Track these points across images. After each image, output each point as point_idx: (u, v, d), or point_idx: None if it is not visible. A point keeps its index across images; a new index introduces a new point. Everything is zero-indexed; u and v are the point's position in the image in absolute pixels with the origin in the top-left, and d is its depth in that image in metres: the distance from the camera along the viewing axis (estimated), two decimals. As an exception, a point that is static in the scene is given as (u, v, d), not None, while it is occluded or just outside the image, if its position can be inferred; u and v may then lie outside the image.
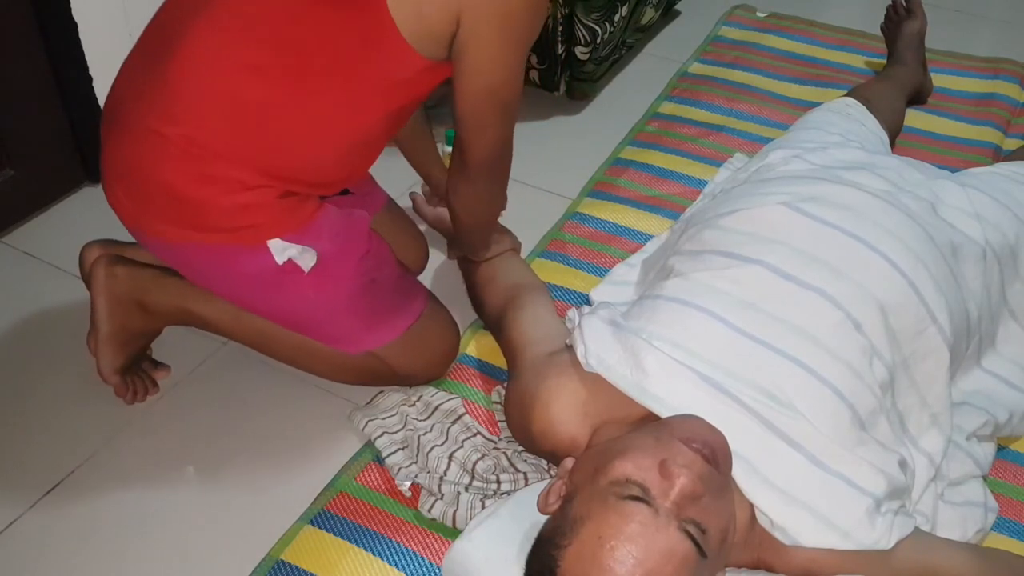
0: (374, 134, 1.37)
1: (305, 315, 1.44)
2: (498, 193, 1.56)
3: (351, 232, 1.42)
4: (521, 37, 1.31)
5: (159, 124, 1.27)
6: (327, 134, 1.31)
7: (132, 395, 1.55)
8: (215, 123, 1.27)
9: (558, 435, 1.26)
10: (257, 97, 1.27)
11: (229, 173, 1.28)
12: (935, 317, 1.30)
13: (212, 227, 1.31)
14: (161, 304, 1.50)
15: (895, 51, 2.22)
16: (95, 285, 1.49)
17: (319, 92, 1.28)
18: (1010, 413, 1.45)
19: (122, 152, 1.33)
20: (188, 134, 1.27)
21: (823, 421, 1.18)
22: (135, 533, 1.39)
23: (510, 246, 1.72)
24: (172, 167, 1.28)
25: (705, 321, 1.26)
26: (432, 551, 1.33)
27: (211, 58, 1.26)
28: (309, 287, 1.38)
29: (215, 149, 1.27)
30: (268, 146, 1.29)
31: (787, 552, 1.16)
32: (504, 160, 1.48)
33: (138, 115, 1.30)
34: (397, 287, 1.51)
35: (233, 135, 1.28)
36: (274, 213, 1.32)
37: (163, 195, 1.30)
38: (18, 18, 1.79)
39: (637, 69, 2.48)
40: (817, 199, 1.38)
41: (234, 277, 1.38)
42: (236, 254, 1.34)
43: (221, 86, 1.26)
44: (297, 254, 1.34)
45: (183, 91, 1.27)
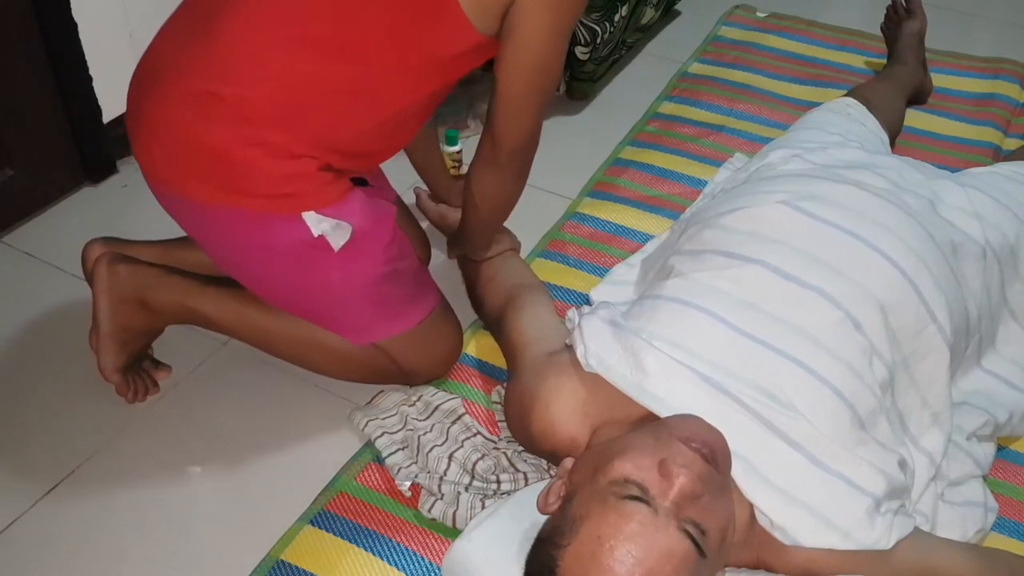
0: (417, 109, 1.40)
1: (322, 296, 1.44)
2: (521, 185, 1.57)
3: (380, 216, 1.43)
4: (569, 19, 1.35)
5: (212, 85, 1.28)
6: (375, 106, 1.34)
7: (133, 394, 1.55)
8: (268, 89, 1.28)
9: (558, 435, 1.26)
10: (311, 68, 1.28)
11: (277, 139, 1.29)
12: (935, 316, 1.30)
13: (252, 192, 1.32)
14: (163, 302, 1.50)
15: (895, 51, 2.22)
16: (97, 283, 1.49)
17: (374, 66, 1.30)
18: (1010, 413, 1.45)
19: (165, 110, 1.33)
20: (242, 95, 1.28)
21: (823, 421, 1.18)
22: (135, 533, 1.39)
23: (510, 246, 1.73)
24: (220, 127, 1.29)
25: (705, 321, 1.26)
26: (432, 551, 1.34)
27: (267, 26, 1.28)
28: (335, 266, 1.38)
29: (267, 113, 1.29)
30: (317, 114, 1.30)
31: (787, 552, 1.16)
32: (532, 150, 1.50)
33: (186, 76, 1.30)
34: (415, 280, 1.52)
35: (285, 101, 1.29)
36: (314, 185, 1.33)
37: (207, 155, 1.31)
38: (18, 18, 1.79)
39: (637, 69, 2.48)
40: (817, 198, 1.38)
41: (261, 248, 1.37)
42: (270, 222, 1.34)
43: (276, 53, 1.28)
44: (330, 229, 1.35)
45: (237, 55, 1.28)
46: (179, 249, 1.61)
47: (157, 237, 1.63)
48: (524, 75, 1.37)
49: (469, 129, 2.17)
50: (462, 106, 2.19)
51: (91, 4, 1.86)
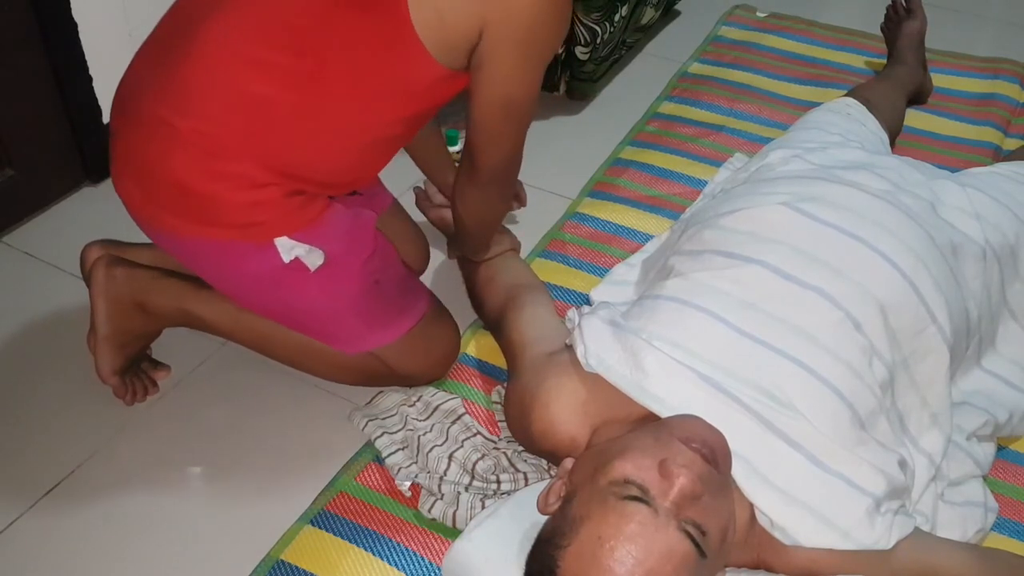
0: (388, 139, 1.38)
1: (308, 314, 1.44)
2: (504, 199, 1.58)
3: (358, 232, 1.42)
4: (541, 54, 1.32)
5: (171, 116, 1.27)
6: (340, 137, 1.31)
7: (131, 396, 1.55)
8: (227, 119, 1.27)
9: (558, 435, 1.26)
10: (271, 96, 1.26)
11: (239, 169, 1.28)
12: (935, 317, 1.30)
13: (220, 223, 1.31)
14: (160, 305, 1.50)
15: (895, 51, 2.22)
16: (94, 286, 1.48)
17: (334, 95, 1.28)
18: (1010, 413, 1.45)
19: (132, 142, 1.33)
20: (199, 128, 1.26)
21: (823, 421, 1.18)
22: (135, 533, 1.39)
23: (510, 246, 1.73)
24: (182, 160, 1.28)
25: (705, 321, 1.26)
26: (432, 551, 1.33)
27: (227, 54, 1.26)
28: (314, 286, 1.38)
29: (226, 145, 1.27)
30: (280, 145, 1.29)
31: (787, 552, 1.16)
32: (514, 168, 1.50)
33: (150, 106, 1.29)
34: (401, 288, 1.51)
35: (245, 132, 1.27)
36: (282, 211, 1.32)
37: (172, 188, 1.30)
38: (18, 18, 1.79)
39: (637, 69, 2.48)
40: (817, 199, 1.38)
41: (240, 274, 1.38)
42: (243, 251, 1.34)
43: (235, 83, 1.26)
44: (304, 253, 1.34)
45: (196, 84, 1.27)
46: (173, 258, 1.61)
47: (157, 237, 1.63)
48: (497, 109, 1.35)
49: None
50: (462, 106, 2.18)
51: (91, 4, 1.86)
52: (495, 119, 1.37)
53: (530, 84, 1.35)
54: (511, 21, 1.25)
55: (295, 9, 1.25)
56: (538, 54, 1.32)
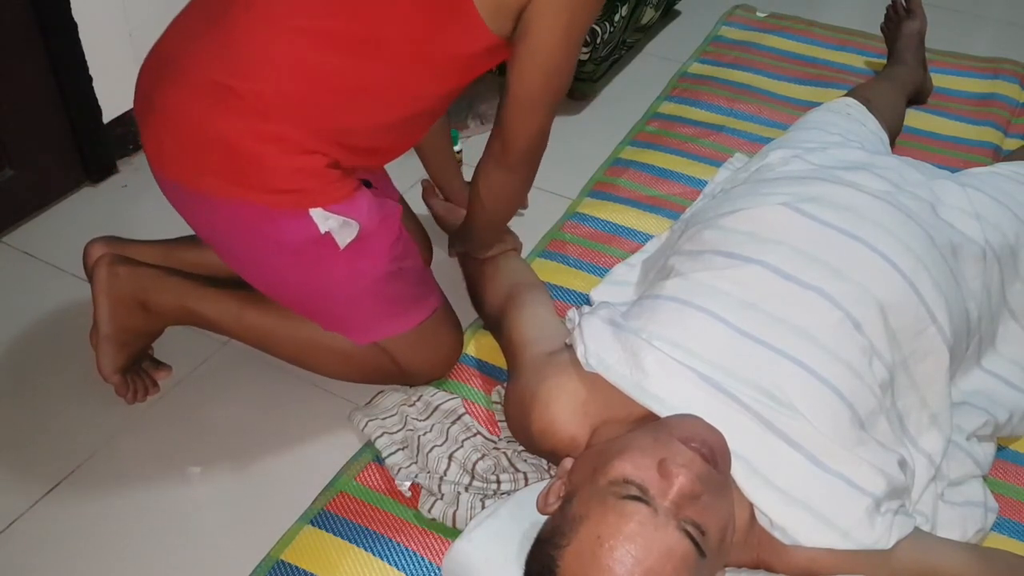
0: (429, 108, 1.40)
1: (328, 293, 1.44)
2: (528, 185, 1.57)
3: (386, 215, 1.43)
4: (584, 20, 1.34)
5: (226, 77, 1.28)
6: (389, 103, 1.34)
7: (132, 395, 1.55)
8: (282, 82, 1.28)
9: (557, 434, 1.26)
10: (325, 62, 1.28)
11: (289, 133, 1.29)
12: (935, 317, 1.30)
13: (260, 186, 1.31)
14: (163, 304, 1.50)
15: (895, 51, 2.22)
16: (97, 285, 1.49)
17: (387, 62, 1.30)
18: (1010, 413, 1.45)
19: (178, 99, 1.32)
20: (256, 89, 1.28)
21: (823, 421, 1.18)
22: (135, 532, 1.39)
23: (511, 245, 1.73)
24: (233, 120, 1.29)
25: (705, 321, 1.26)
26: (432, 551, 1.34)
27: (281, 19, 1.28)
28: (341, 263, 1.38)
29: (280, 107, 1.28)
30: (331, 109, 1.30)
31: (787, 552, 1.16)
32: (541, 151, 1.49)
33: (201, 67, 1.30)
34: (419, 280, 1.52)
35: (298, 96, 1.29)
36: (322, 181, 1.33)
37: (218, 147, 1.30)
38: (18, 18, 1.79)
39: (637, 69, 2.47)
40: (817, 199, 1.38)
41: (267, 243, 1.37)
42: (278, 218, 1.34)
43: (290, 47, 1.28)
44: (337, 227, 1.35)
45: (250, 48, 1.28)
46: (180, 249, 1.61)
47: (157, 237, 1.64)
48: (537, 77, 1.36)
49: (469, 129, 2.17)
50: (462, 106, 2.19)
51: (91, 4, 1.86)
52: (535, 90, 1.37)
53: (570, 53, 1.36)
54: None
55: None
56: (580, 22, 1.33)
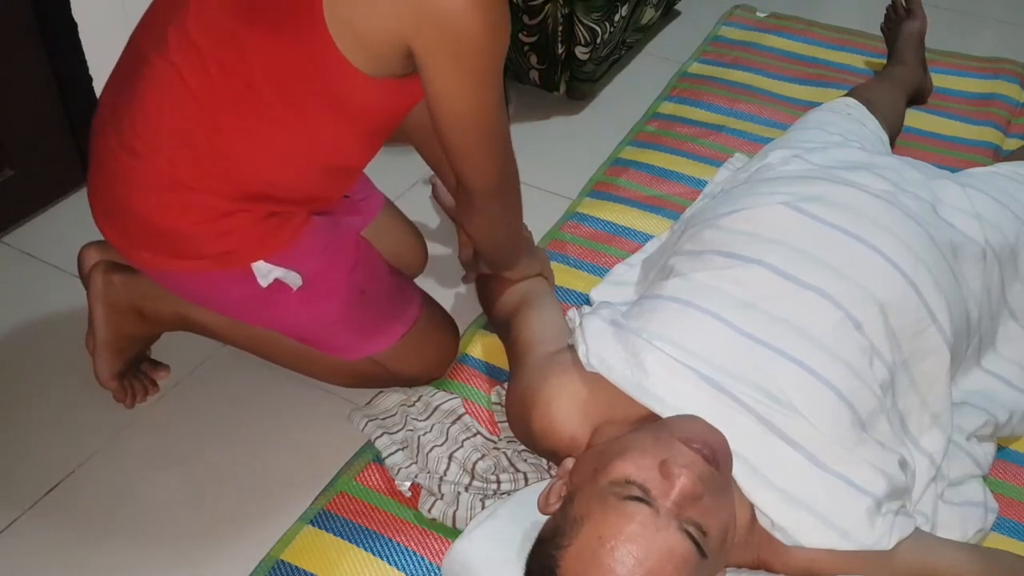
0: (351, 152, 1.32)
1: (299, 329, 1.45)
2: (511, 214, 1.46)
3: (338, 245, 1.40)
4: (482, 66, 1.19)
5: (126, 156, 1.26)
6: (295, 159, 1.27)
7: (131, 399, 1.55)
8: (177, 153, 1.24)
9: (558, 434, 1.26)
10: (214, 126, 1.22)
11: (200, 201, 1.26)
12: (935, 317, 1.30)
13: (193, 254, 1.30)
14: (158, 311, 1.50)
15: (895, 51, 2.22)
16: (92, 293, 1.48)
17: (274, 118, 1.22)
18: (1010, 413, 1.45)
19: (98, 182, 1.33)
20: (153, 164, 1.25)
21: (823, 421, 1.18)
22: (135, 533, 1.39)
23: (539, 270, 1.63)
24: (145, 197, 1.27)
25: (706, 321, 1.26)
26: (432, 551, 1.33)
27: (166, 89, 1.23)
28: (298, 305, 1.37)
29: (181, 179, 1.25)
30: (235, 172, 1.26)
31: (787, 552, 1.16)
32: (507, 185, 1.38)
33: (108, 146, 1.29)
34: (389, 294, 1.50)
35: (197, 164, 1.25)
36: (255, 236, 1.30)
37: (140, 225, 1.30)
38: (18, 18, 1.79)
39: (637, 69, 2.47)
40: (817, 199, 1.38)
41: (224, 299, 1.38)
42: (222, 279, 1.33)
43: (178, 116, 1.23)
44: (282, 275, 1.33)
45: (144, 123, 1.25)
46: None
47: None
48: (454, 128, 1.24)
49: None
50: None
51: (91, 4, 1.86)
52: (459, 139, 1.25)
53: (482, 99, 1.21)
54: (434, 29, 1.13)
55: (211, 38, 1.20)
56: (477, 64, 1.18)
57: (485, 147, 1.28)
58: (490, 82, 1.22)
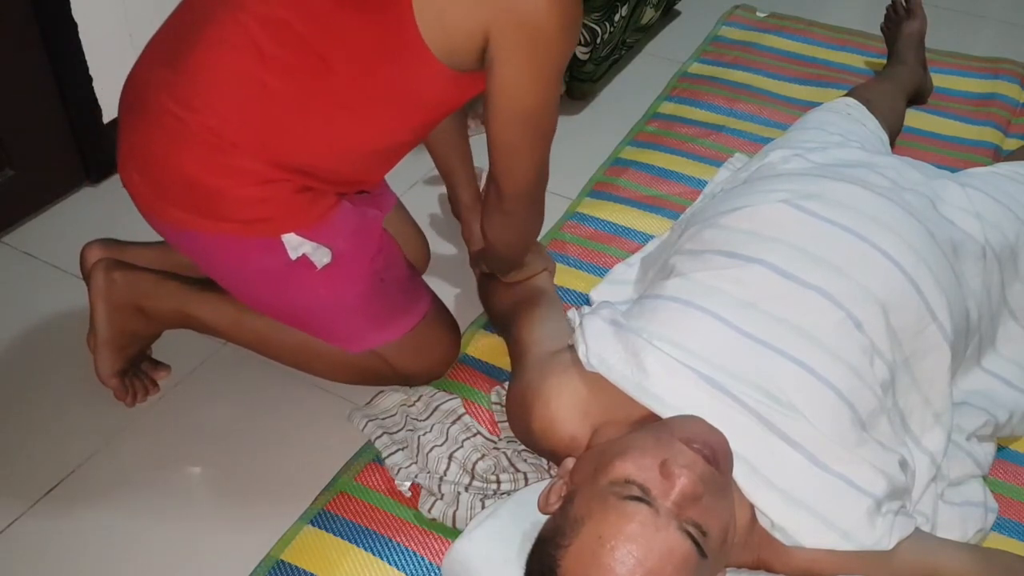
0: (397, 141, 1.36)
1: (312, 311, 1.44)
2: (534, 221, 1.50)
3: (365, 230, 1.42)
4: (553, 60, 1.25)
5: (179, 109, 1.26)
6: (347, 138, 1.30)
7: (132, 397, 1.55)
8: (235, 114, 1.26)
9: (558, 433, 1.26)
10: (279, 93, 1.25)
11: (246, 165, 1.27)
12: (936, 315, 1.30)
13: (227, 217, 1.31)
14: (160, 309, 1.50)
15: (895, 51, 2.22)
16: (93, 290, 1.48)
17: (339, 95, 1.26)
18: (1010, 413, 1.45)
19: (140, 135, 1.32)
20: (207, 122, 1.26)
21: (823, 421, 1.18)
22: (135, 533, 1.39)
23: (542, 267, 1.64)
24: (190, 154, 1.28)
25: (706, 321, 1.26)
26: (432, 551, 1.33)
27: (234, 51, 1.25)
28: (320, 284, 1.37)
29: (233, 140, 1.26)
30: (287, 142, 1.28)
31: (787, 553, 1.16)
32: (540, 189, 1.43)
33: (158, 99, 1.29)
34: (405, 287, 1.51)
35: (252, 128, 1.27)
36: (290, 207, 1.31)
37: (179, 181, 1.30)
38: (18, 18, 1.79)
39: (637, 69, 2.47)
40: (818, 197, 1.38)
41: (245, 269, 1.37)
42: (249, 246, 1.33)
43: (243, 78, 1.25)
44: (311, 251, 1.34)
45: (205, 79, 1.26)
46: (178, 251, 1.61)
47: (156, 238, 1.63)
48: (511, 123, 1.28)
49: (470, 129, 2.17)
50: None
51: (91, 4, 1.86)
52: (512, 133, 1.30)
53: (545, 93, 1.28)
54: (515, 24, 1.19)
55: (298, 10, 1.23)
56: (548, 61, 1.24)
57: (536, 146, 1.34)
58: (555, 81, 1.28)
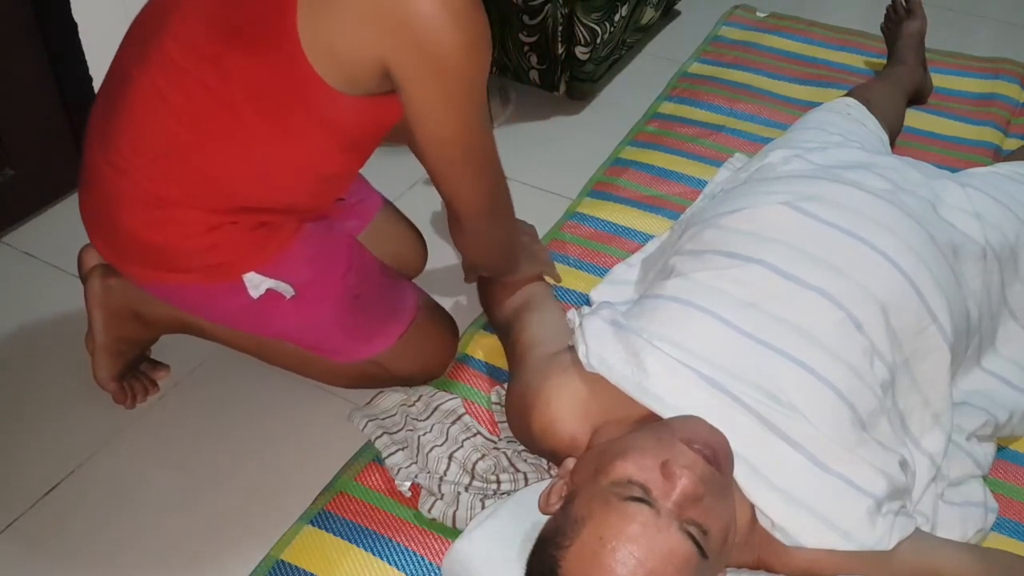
0: (339, 168, 1.31)
1: (295, 336, 1.45)
2: (502, 234, 1.43)
3: (330, 252, 1.40)
4: (463, 86, 1.16)
5: (111, 170, 1.26)
6: (281, 174, 1.26)
7: (131, 400, 1.55)
8: (160, 170, 1.24)
9: (558, 434, 1.26)
10: (196, 145, 1.22)
11: (186, 216, 1.26)
12: (936, 316, 1.30)
13: (183, 267, 1.30)
14: (157, 314, 1.50)
15: (895, 51, 2.22)
16: (90, 296, 1.48)
17: (257, 137, 1.21)
18: (1010, 413, 1.45)
19: (88, 197, 1.34)
20: (137, 180, 1.25)
21: (823, 421, 1.18)
22: (135, 533, 1.39)
23: (539, 270, 1.61)
24: (130, 214, 1.27)
25: (706, 321, 1.26)
26: (432, 551, 1.33)
27: (146, 106, 1.22)
28: (291, 313, 1.37)
29: (165, 195, 1.25)
30: (220, 189, 1.25)
31: (788, 553, 1.16)
32: (496, 207, 1.35)
33: (96, 159, 1.29)
34: (384, 297, 1.49)
35: (181, 181, 1.25)
36: (244, 248, 1.29)
37: (128, 240, 1.30)
38: (18, 18, 1.79)
39: (637, 69, 2.48)
40: (818, 199, 1.38)
41: (218, 308, 1.38)
42: (214, 291, 1.33)
43: (159, 133, 1.23)
44: (274, 285, 1.33)
45: (127, 137, 1.25)
46: None
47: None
48: (434, 149, 1.22)
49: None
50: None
51: (91, 4, 1.86)
52: (442, 161, 1.24)
53: (461, 118, 1.19)
54: (409, 49, 1.11)
55: (192, 57, 1.19)
56: (456, 83, 1.15)
57: (470, 170, 1.26)
58: (472, 102, 1.19)
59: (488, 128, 1.25)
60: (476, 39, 1.14)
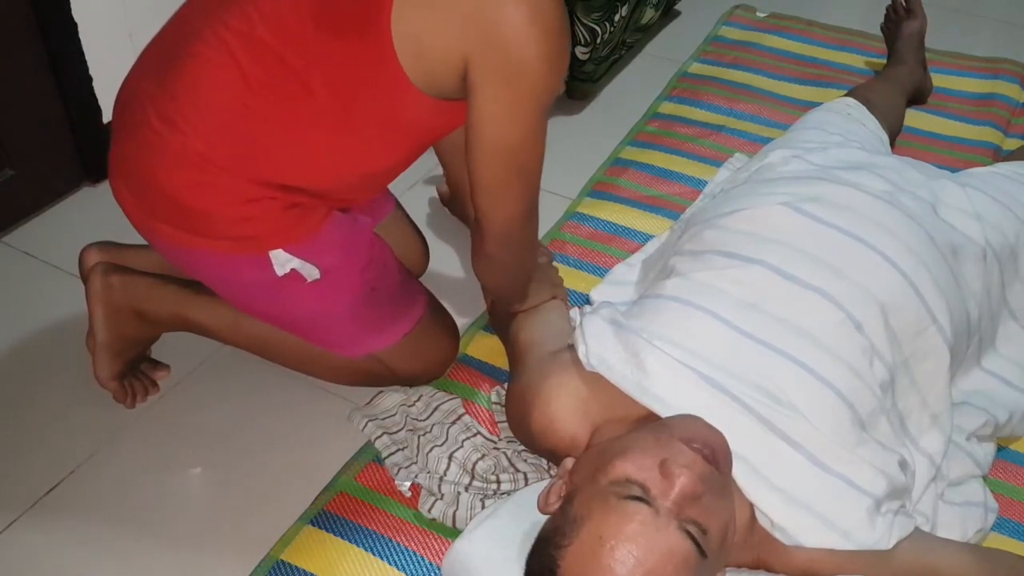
0: (385, 165, 1.34)
1: (306, 322, 1.44)
2: (523, 262, 1.44)
3: (355, 242, 1.41)
4: (535, 92, 1.19)
5: (161, 126, 1.26)
6: (332, 160, 1.29)
7: (132, 399, 1.55)
8: (217, 135, 1.25)
9: (558, 433, 1.26)
10: (260, 115, 1.24)
11: (231, 184, 1.27)
12: (935, 317, 1.30)
13: (214, 234, 1.30)
14: (158, 312, 1.50)
15: (895, 51, 2.22)
16: (91, 294, 1.48)
17: (321, 118, 1.24)
18: (1010, 413, 1.45)
19: (126, 150, 1.32)
20: (189, 142, 1.25)
21: (823, 421, 1.18)
22: (135, 533, 1.39)
23: (548, 296, 1.57)
24: (173, 173, 1.27)
25: (706, 321, 1.26)
26: (432, 551, 1.33)
27: (217, 70, 1.23)
28: (310, 297, 1.37)
29: (216, 160, 1.26)
30: (271, 163, 1.27)
31: (787, 552, 1.16)
32: (524, 234, 1.37)
33: (144, 113, 1.28)
34: (398, 293, 1.50)
35: (235, 149, 1.26)
36: (277, 224, 1.30)
37: (164, 198, 1.30)
38: (18, 18, 1.79)
39: (637, 69, 2.48)
40: (818, 199, 1.38)
41: (236, 281, 1.38)
42: (238, 262, 1.33)
43: (225, 99, 1.24)
44: (299, 266, 1.33)
45: (187, 98, 1.25)
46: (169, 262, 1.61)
47: (157, 237, 1.64)
48: (489, 158, 1.23)
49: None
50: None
51: (91, 4, 1.86)
52: (494, 169, 1.25)
53: (524, 128, 1.21)
54: (495, 53, 1.15)
55: (277, 32, 1.21)
56: (529, 92, 1.18)
57: (517, 184, 1.28)
58: (537, 116, 1.22)
59: (543, 150, 1.28)
60: (557, 57, 1.18)
